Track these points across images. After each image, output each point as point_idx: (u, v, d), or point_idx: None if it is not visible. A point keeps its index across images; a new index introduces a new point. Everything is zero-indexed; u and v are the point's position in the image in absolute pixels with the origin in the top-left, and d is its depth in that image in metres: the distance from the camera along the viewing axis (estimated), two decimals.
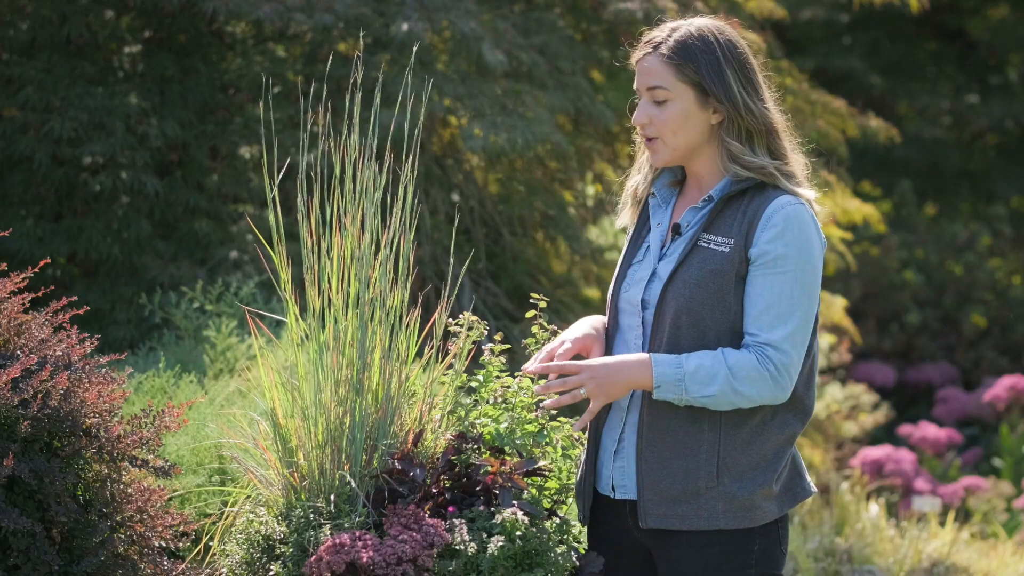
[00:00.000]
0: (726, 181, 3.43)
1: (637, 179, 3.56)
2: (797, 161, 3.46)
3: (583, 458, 3.54)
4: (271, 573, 3.32)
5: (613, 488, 3.47)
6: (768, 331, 3.34)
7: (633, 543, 3.50)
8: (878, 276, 13.80)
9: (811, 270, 3.37)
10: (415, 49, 4.12)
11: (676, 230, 3.45)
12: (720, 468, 3.37)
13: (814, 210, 3.44)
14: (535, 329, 3.58)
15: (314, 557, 3.17)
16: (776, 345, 3.33)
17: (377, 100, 3.57)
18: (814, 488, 3.50)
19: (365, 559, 3.13)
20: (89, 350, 3.67)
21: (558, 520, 3.40)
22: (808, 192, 3.43)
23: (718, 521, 3.37)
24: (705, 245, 3.39)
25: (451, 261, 3.84)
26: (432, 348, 3.50)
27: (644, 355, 3.35)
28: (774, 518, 3.42)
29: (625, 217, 3.59)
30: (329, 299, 3.44)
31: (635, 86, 3.44)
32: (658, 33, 3.43)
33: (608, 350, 3.51)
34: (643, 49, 3.43)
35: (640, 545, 3.50)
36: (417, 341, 3.50)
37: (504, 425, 3.51)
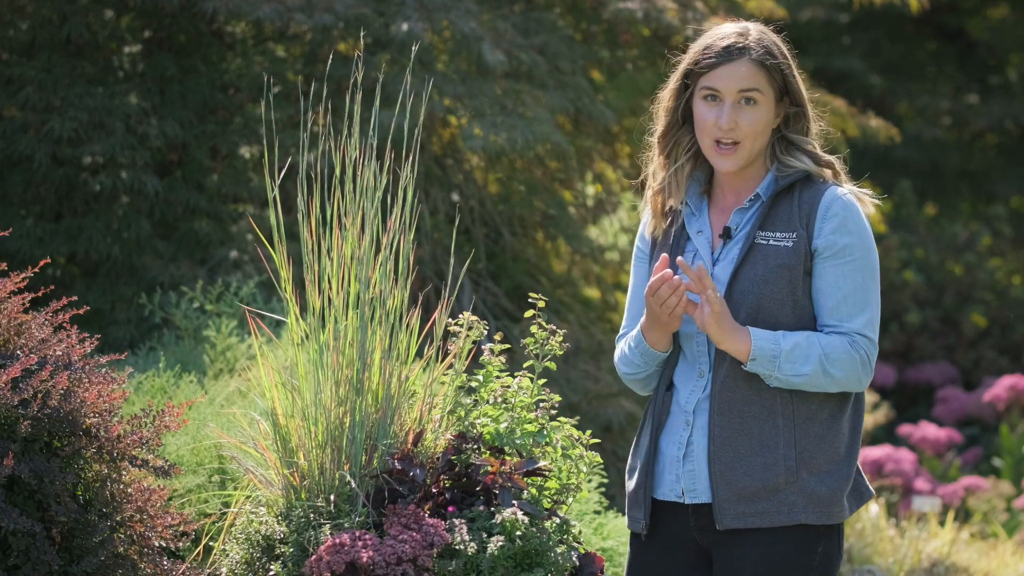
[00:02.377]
0: (770, 179, 3.44)
1: (658, 189, 3.52)
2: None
3: (638, 465, 3.50)
4: (271, 573, 3.32)
5: (683, 493, 3.43)
6: (849, 320, 3.36)
7: (689, 548, 3.47)
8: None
9: (873, 256, 3.41)
10: (415, 49, 4.12)
11: (727, 233, 3.43)
12: (798, 463, 3.36)
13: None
14: (534, 328, 3.58)
15: (314, 557, 3.17)
16: (861, 332, 3.36)
17: (377, 100, 3.57)
18: (872, 490, 3.50)
19: (365, 559, 3.13)
20: (89, 350, 3.67)
21: (558, 520, 3.40)
22: (852, 187, 3.48)
23: (798, 515, 3.36)
24: (764, 242, 3.39)
25: (451, 261, 3.84)
26: (432, 348, 3.50)
27: (745, 327, 3.36)
28: (841, 519, 3.42)
29: (649, 229, 3.56)
30: (329, 299, 3.44)
31: (713, 86, 3.40)
32: (734, 39, 3.41)
33: (670, 358, 3.50)
34: (725, 53, 3.40)
35: (696, 549, 3.46)
36: (417, 341, 3.51)
37: (504, 425, 3.51)
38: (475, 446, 3.40)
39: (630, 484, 3.53)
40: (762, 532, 3.37)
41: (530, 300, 3.62)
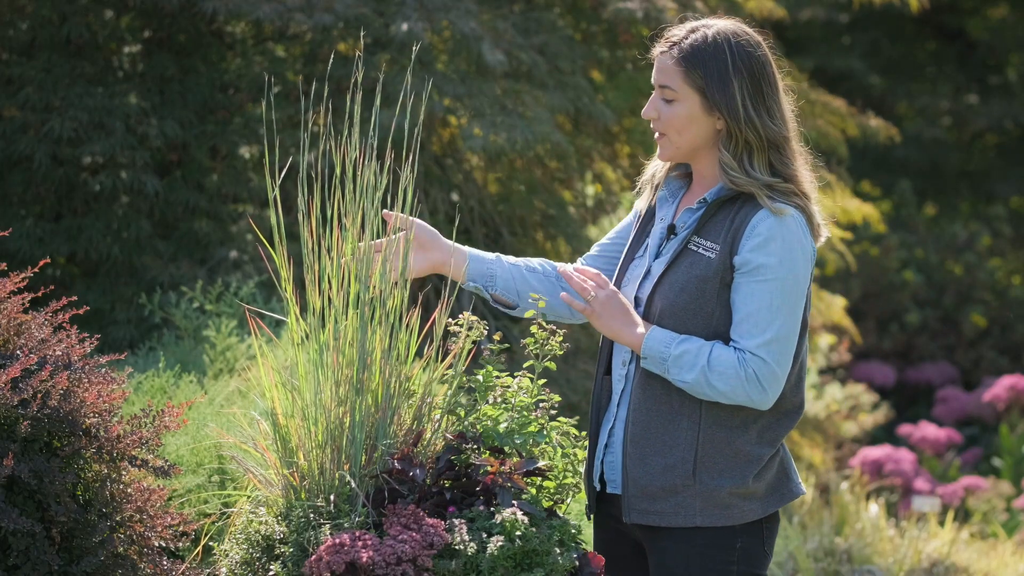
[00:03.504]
0: (720, 186, 3.45)
1: (656, 166, 3.61)
2: (803, 176, 3.45)
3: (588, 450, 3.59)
4: (271, 573, 3.32)
5: (603, 481, 3.50)
6: (747, 338, 3.37)
7: (629, 535, 3.54)
8: (878, 276, 13.81)
9: (793, 280, 3.38)
10: (415, 49, 4.12)
11: (672, 230, 3.49)
12: (697, 466, 3.40)
13: (812, 222, 3.44)
14: (534, 328, 3.58)
15: (314, 557, 3.17)
16: (754, 352, 3.36)
17: (378, 100, 3.57)
18: (803, 488, 3.53)
19: (365, 559, 3.13)
20: (89, 350, 3.67)
21: (558, 520, 3.40)
22: (796, 206, 3.41)
23: (695, 518, 3.41)
24: (694, 248, 3.43)
25: (451, 261, 3.83)
26: (432, 348, 3.50)
27: (645, 324, 3.42)
28: (757, 517, 3.44)
29: (643, 201, 3.62)
30: (329, 299, 3.44)
31: (652, 79, 3.48)
32: (677, 32, 3.44)
33: (607, 341, 3.56)
34: (661, 46, 3.45)
35: (635, 537, 3.53)
36: (417, 341, 3.51)
37: (504, 425, 3.51)
38: (475, 446, 3.40)
39: (584, 466, 3.60)
40: (675, 530, 3.42)
41: (530, 300, 3.62)
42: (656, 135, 3.49)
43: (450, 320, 3.54)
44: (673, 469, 3.40)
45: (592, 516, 3.60)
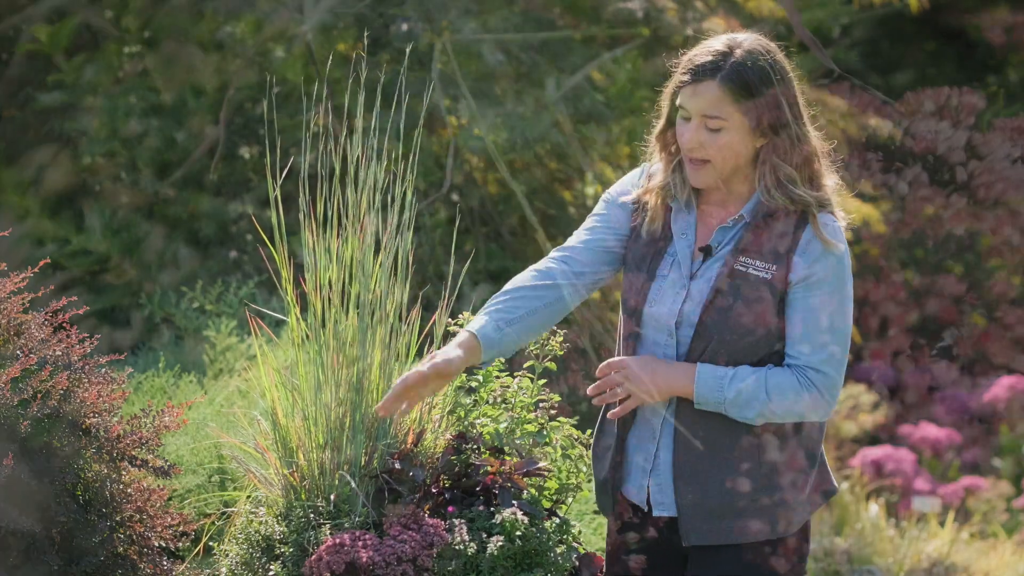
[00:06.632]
0: (756, 200, 3.39)
1: (661, 185, 3.46)
2: (830, 185, 3.43)
3: (606, 456, 3.51)
4: (271, 573, 3.32)
5: (649, 504, 3.45)
6: (809, 355, 3.35)
7: (664, 547, 3.48)
8: (878, 276, 13.81)
9: (848, 291, 3.40)
10: (416, 49, 4.12)
11: (708, 251, 3.40)
12: (762, 479, 3.38)
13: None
14: None
15: (314, 557, 3.17)
16: (817, 367, 3.35)
17: (379, 101, 3.57)
18: (837, 484, 3.51)
19: (365, 559, 3.13)
20: (89, 350, 3.66)
21: (558, 520, 3.40)
22: (839, 214, 3.42)
23: (763, 533, 3.38)
24: (743, 269, 3.36)
25: (451, 261, 3.83)
26: (432, 348, 3.50)
27: (691, 368, 3.35)
28: (808, 518, 3.44)
29: (657, 222, 3.46)
30: (329, 299, 3.44)
31: (683, 103, 3.33)
32: (711, 57, 3.31)
33: (632, 354, 3.47)
34: (696, 72, 3.31)
35: (671, 548, 3.48)
36: (417, 341, 3.50)
37: (504, 425, 3.51)
38: (475, 446, 3.39)
39: (598, 471, 3.53)
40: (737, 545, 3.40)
41: None
42: (689, 162, 3.36)
43: (450, 320, 3.54)
44: (738, 485, 3.38)
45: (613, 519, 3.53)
